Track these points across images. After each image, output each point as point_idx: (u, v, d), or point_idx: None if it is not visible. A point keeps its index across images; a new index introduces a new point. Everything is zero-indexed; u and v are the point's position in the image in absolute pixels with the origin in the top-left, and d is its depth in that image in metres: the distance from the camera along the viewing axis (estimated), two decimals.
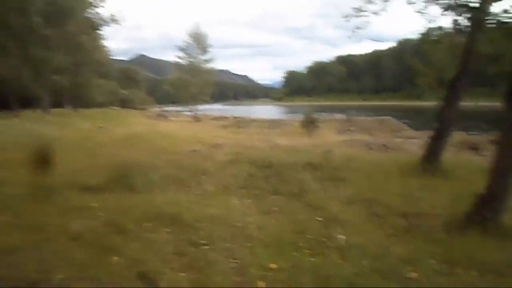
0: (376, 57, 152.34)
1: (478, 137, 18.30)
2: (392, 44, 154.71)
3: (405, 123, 32.55)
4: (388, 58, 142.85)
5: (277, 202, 7.19)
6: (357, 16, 10.26)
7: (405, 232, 5.55)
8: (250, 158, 10.82)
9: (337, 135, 22.13)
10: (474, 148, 16.08)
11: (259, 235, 5.10)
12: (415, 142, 17.93)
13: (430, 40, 10.43)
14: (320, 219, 6.02)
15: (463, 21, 9.08)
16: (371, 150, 14.47)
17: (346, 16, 10.34)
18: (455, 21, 9.18)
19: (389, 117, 31.52)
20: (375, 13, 10.62)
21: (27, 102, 39.40)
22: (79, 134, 18.06)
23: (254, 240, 4.92)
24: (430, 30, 10.57)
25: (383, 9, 10.53)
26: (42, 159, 7.81)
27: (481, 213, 5.30)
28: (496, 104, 6.87)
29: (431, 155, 9.67)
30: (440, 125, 9.61)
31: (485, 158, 14.44)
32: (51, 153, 8.26)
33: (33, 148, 8.36)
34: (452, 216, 5.77)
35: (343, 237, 5.07)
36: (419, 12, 9.78)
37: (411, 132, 24.78)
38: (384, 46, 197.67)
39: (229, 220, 5.63)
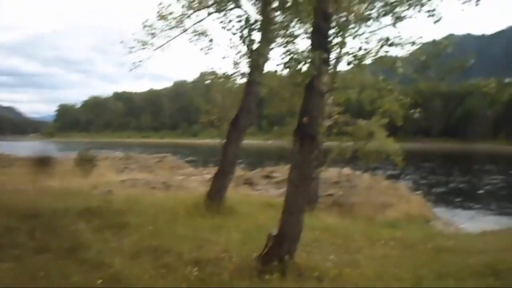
0: (153, 95, 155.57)
1: (252, 172, 19.70)
2: (169, 84, 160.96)
3: (184, 160, 33.31)
4: (165, 97, 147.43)
5: (44, 263, 5.82)
6: (142, 49, 9.82)
7: (200, 283, 5.06)
8: (11, 206, 8.86)
9: (117, 174, 20.81)
10: (249, 183, 17.17)
11: None
12: (195, 179, 18.22)
13: (215, 81, 10.62)
14: (100, 281, 5.04)
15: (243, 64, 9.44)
16: (153, 189, 13.88)
17: (131, 48, 9.78)
18: (235, 64, 9.47)
19: (168, 154, 31.68)
20: (158, 47, 10.47)
21: None
22: None
23: None
24: (209, 73, 10.84)
25: (166, 45, 10.42)
26: None
27: (277, 254, 5.19)
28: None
29: (215, 193, 9.63)
30: (224, 162, 9.70)
31: (260, 192, 15.60)
32: None
33: None
34: (247, 259, 5.58)
35: None
36: (204, 50, 9.89)
37: (190, 169, 25.28)
38: (160, 86, 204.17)
39: None
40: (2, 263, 5.81)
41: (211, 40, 10.33)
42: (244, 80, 9.77)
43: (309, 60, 4.93)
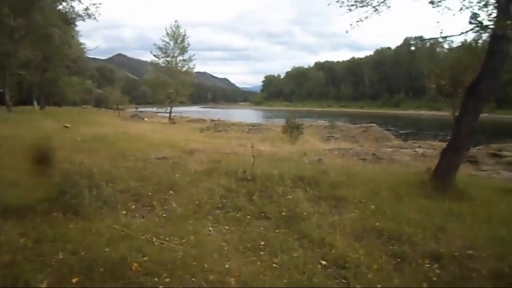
0: (354, 64, 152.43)
1: (475, 149, 17.02)
2: (369, 53, 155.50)
3: (389, 131, 31.46)
4: (366, 66, 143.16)
5: (263, 231, 5.55)
6: (361, 6, 8.80)
7: (444, 284, 4.01)
8: (229, 168, 9.12)
9: (322, 143, 20.66)
10: (471, 161, 14.76)
11: None
12: (406, 153, 16.61)
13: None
14: (324, 263, 4.42)
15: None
16: (363, 161, 12.97)
17: (350, 6, 8.86)
18: (475, 16, 7.69)
19: (374, 125, 30.26)
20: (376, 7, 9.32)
21: None
22: (37, 134, 15.96)
23: None
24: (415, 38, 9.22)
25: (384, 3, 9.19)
26: None
27: None
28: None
29: (444, 172, 8.18)
30: (457, 136, 8.12)
31: (488, 173, 13.19)
32: None
33: None
34: (501, 263, 4.26)
35: None
36: (433, 3, 8.27)
37: (397, 141, 23.51)
38: (360, 55, 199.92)
39: (197, 270, 3.94)
40: (223, 225, 5.77)
41: None
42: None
43: None
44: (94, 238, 4.47)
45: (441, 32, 8.33)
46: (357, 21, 9.44)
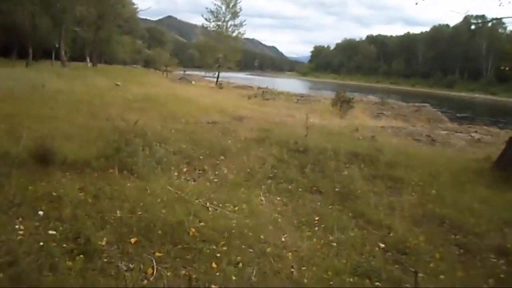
0: (408, 40, 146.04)
1: None
2: (426, 29, 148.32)
3: (441, 112, 30.14)
4: (421, 42, 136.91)
5: (317, 206, 5.38)
6: None
7: None
8: (280, 138, 8.96)
9: (372, 119, 20.05)
10: None
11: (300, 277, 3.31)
12: (461, 137, 15.83)
13: None
14: (383, 246, 4.21)
15: None
16: (417, 142, 12.44)
17: None
18: None
19: (426, 105, 29.04)
20: None
21: (45, 53, 37.99)
22: (90, 90, 16.34)
23: None
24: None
25: None
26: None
27: None
28: None
29: (507, 161, 7.66)
30: None
31: None
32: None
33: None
34: None
35: None
36: None
37: (452, 124, 22.45)
38: (417, 30, 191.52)
39: (253, 240, 3.83)
40: (275, 195, 5.65)
41: None
42: None
43: None
44: (150, 199, 4.44)
45: None
46: None
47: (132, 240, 3.46)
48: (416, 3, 9.32)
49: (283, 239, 3.99)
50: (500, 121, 28.44)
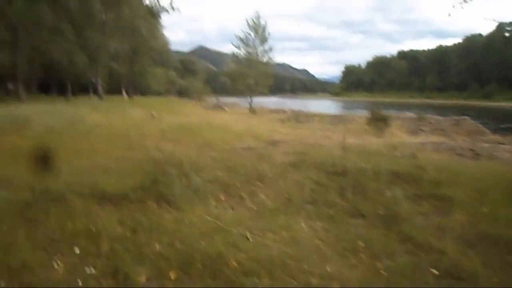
0: (440, 53, 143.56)
1: None
2: (458, 40, 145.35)
3: (482, 124, 29.08)
4: (454, 54, 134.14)
5: (361, 230, 5.14)
6: None
7: None
8: (317, 161, 8.75)
9: (410, 136, 19.52)
10: None
11: None
12: (505, 149, 15.13)
13: None
14: (435, 272, 3.94)
15: None
16: (460, 157, 11.94)
17: None
18: None
19: (466, 117, 28.11)
20: None
21: (83, 88, 39.52)
22: (126, 122, 16.74)
23: None
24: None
25: None
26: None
27: None
28: None
29: None
30: None
31: None
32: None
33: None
34: None
35: None
36: None
37: (494, 136, 21.58)
38: (448, 42, 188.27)
39: (296, 271, 3.65)
40: (316, 221, 5.45)
41: None
42: None
43: None
44: (188, 230, 4.35)
45: None
46: (460, 2, 8.72)
47: (172, 276, 3.36)
48: (449, 14, 9.08)
49: (328, 269, 3.79)
50: None
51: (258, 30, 45.76)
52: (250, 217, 5.34)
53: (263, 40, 45.98)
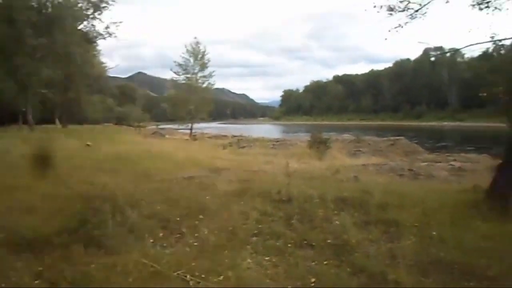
0: (373, 77, 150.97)
1: None
2: (389, 65, 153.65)
3: (415, 143, 30.38)
4: (386, 78, 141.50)
5: (311, 263, 4.84)
6: (401, 11, 8.29)
7: None
8: (261, 189, 8.44)
9: (350, 158, 19.83)
10: None
11: None
12: (441, 167, 15.70)
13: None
14: None
15: None
16: (400, 177, 12.15)
17: (390, 11, 8.41)
18: None
19: (402, 138, 29.23)
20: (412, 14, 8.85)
21: (13, 117, 37.13)
22: (58, 153, 15.61)
23: None
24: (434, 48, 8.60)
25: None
26: None
27: None
28: None
29: (500, 190, 7.33)
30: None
31: None
32: None
33: None
34: None
35: None
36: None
37: (429, 155, 22.48)
38: (380, 67, 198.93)
39: None
40: (263, 255, 5.08)
41: None
42: None
43: None
44: (120, 279, 3.83)
45: (492, 37, 7.65)
46: (396, 27, 9.00)
47: None
48: (385, 39, 9.30)
49: None
50: (474, 146, 28.83)
51: (197, 56, 45.52)
52: (192, 256, 4.88)
53: (203, 66, 45.70)
